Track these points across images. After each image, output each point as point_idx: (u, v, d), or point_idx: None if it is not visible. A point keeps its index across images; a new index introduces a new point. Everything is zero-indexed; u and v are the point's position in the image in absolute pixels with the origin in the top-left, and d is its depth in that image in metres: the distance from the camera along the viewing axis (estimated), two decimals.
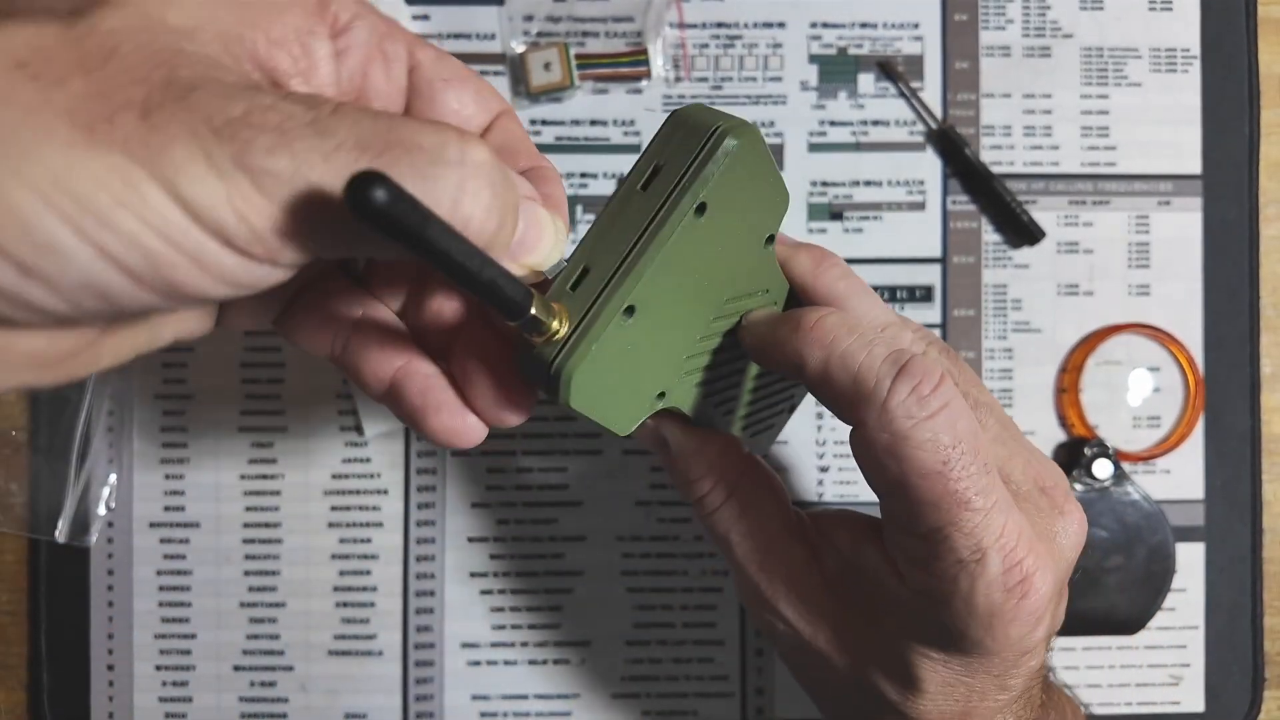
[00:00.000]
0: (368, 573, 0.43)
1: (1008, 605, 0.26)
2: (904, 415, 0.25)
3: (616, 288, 0.24)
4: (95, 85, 0.18)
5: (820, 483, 0.44)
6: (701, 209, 0.25)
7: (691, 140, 0.25)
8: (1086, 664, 0.44)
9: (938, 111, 0.44)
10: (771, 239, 0.29)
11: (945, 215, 0.44)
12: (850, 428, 0.26)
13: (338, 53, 0.23)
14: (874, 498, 0.27)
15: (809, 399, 0.40)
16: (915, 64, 0.44)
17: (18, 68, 0.17)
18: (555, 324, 0.24)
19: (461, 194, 0.19)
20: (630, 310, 0.25)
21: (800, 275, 0.30)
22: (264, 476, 0.43)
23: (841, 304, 0.30)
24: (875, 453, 0.25)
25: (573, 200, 0.44)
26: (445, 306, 0.26)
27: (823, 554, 0.30)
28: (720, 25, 0.44)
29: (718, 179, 0.25)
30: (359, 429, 0.43)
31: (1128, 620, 0.43)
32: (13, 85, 0.17)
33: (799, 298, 0.31)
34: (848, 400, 0.26)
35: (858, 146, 0.44)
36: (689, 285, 0.26)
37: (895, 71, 0.44)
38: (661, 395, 0.28)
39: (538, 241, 0.23)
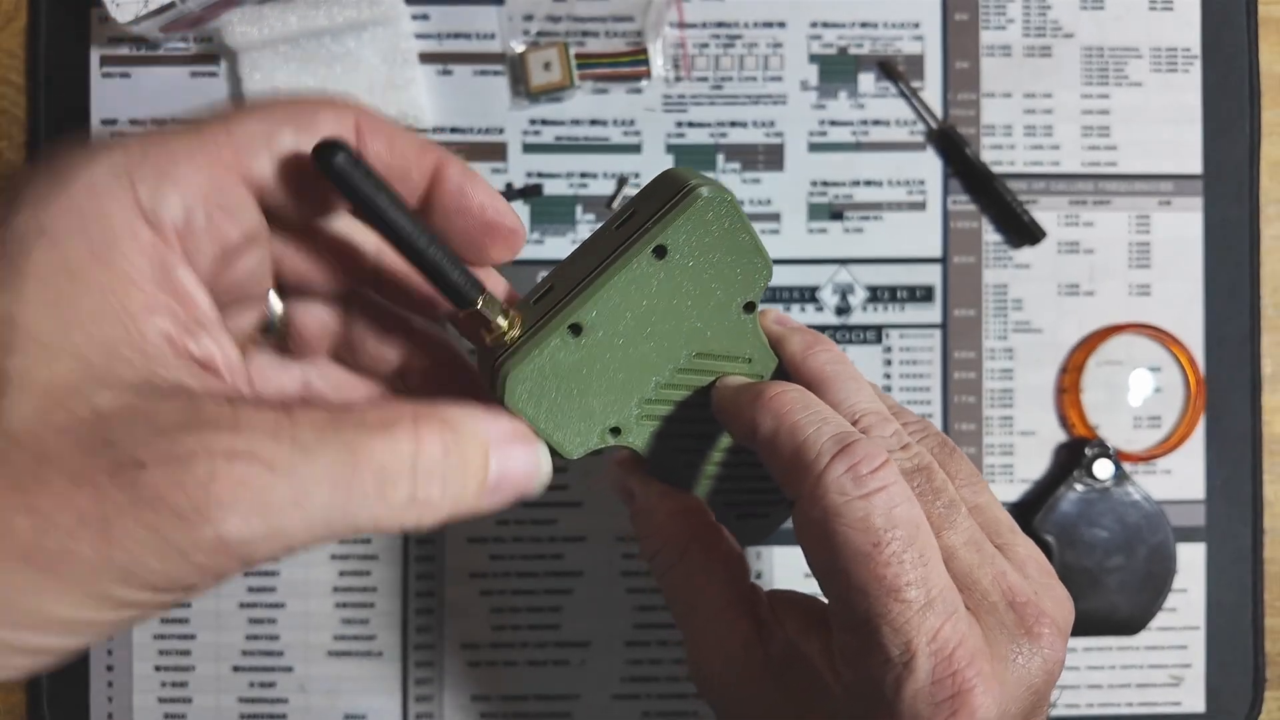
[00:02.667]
0: (368, 573, 0.43)
1: None
2: (837, 491, 0.24)
3: (567, 305, 0.26)
4: (38, 513, 0.17)
5: None
6: (660, 252, 0.26)
7: (667, 192, 0.27)
8: (1087, 664, 0.44)
9: (938, 111, 0.44)
10: (751, 307, 0.29)
11: (946, 215, 0.44)
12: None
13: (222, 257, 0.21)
14: None
15: None
16: (916, 64, 0.44)
17: None
18: (506, 325, 0.26)
19: (412, 504, 0.21)
20: (577, 329, 0.26)
21: (790, 355, 0.30)
22: None
23: (825, 386, 0.29)
24: (809, 529, 0.25)
25: (573, 200, 0.44)
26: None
27: (770, 635, 0.28)
28: (720, 25, 0.44)
29: (679, 227, 0.26)
30: None
31: (1128, 620, 0.43)
32: None
33: (787, 376, 0.31)
34: (789, 471, 0.25)
35: (858, 146, 0.44)
36: (645, 325, 0.27)
37: (895, 71, 0.44)
38: (616, 431, 0.29)
39: (504, 478, 0.23)
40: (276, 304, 0.25)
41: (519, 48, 0.43)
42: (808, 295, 0.44)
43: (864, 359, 0.44)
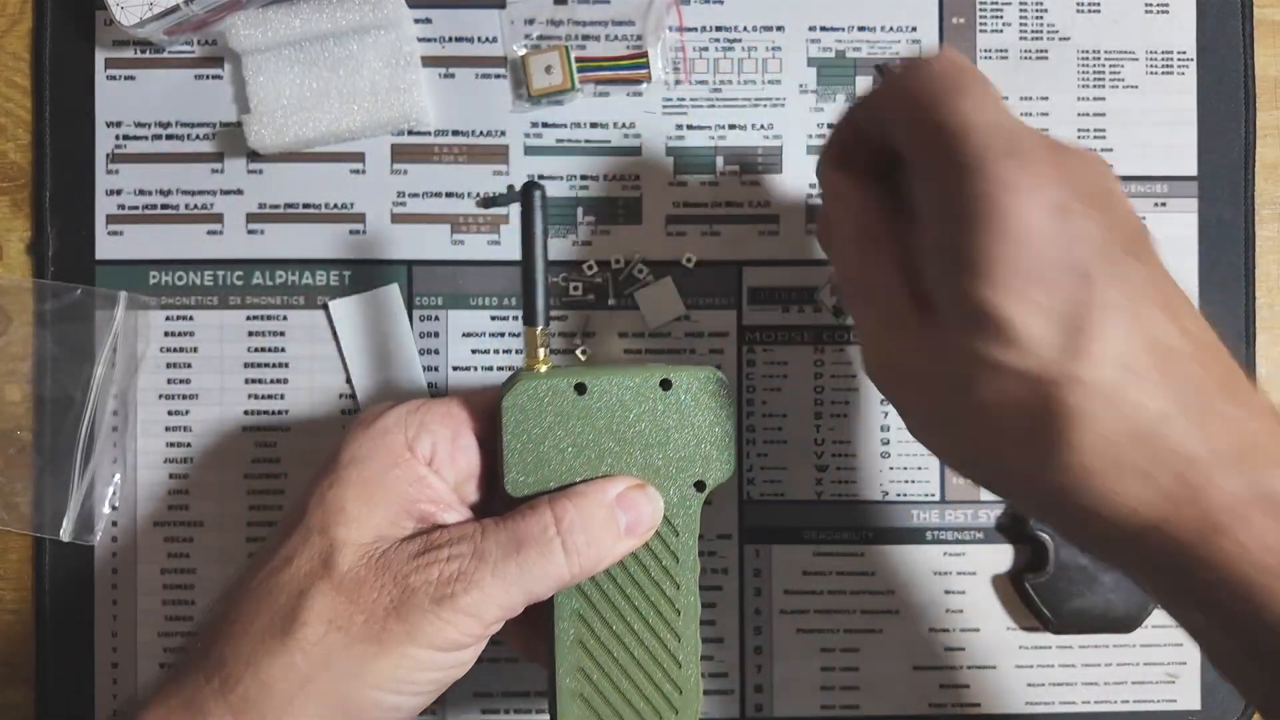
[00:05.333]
0: None
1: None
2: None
3: (585, 372, 0.34)
4: (366, 614, 0.30)
5: (819, 481, 0.44)
6: (666, 384, 0.33)
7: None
8: (1083, 662, 0.44)
9: None
10: (701, 487, 0.34)
11: None
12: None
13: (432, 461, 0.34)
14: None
15: None
16: None
17: (337, 630, 0.30)
18: (542, 358, 0.34)
19: (568, 555, 0.32)
20: (581, 388, 0.33)
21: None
22: (268, 475, 0.44)
23: None
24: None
25: (573, 203, 0.44)
26: None
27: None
28: (719, 28, 0.44)
29: (690, 374, 0.34)
30: None
31: (1124, 618, 0.43)
32: (331, 644, 0.30)
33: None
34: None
35: None
36: (628, 427, 0.33)
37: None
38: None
39: (638, 520, 0.33)
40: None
41: (520, 51, 0.44)
42: (805, 296, 0.44)
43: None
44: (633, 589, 0.34)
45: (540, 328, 0.34)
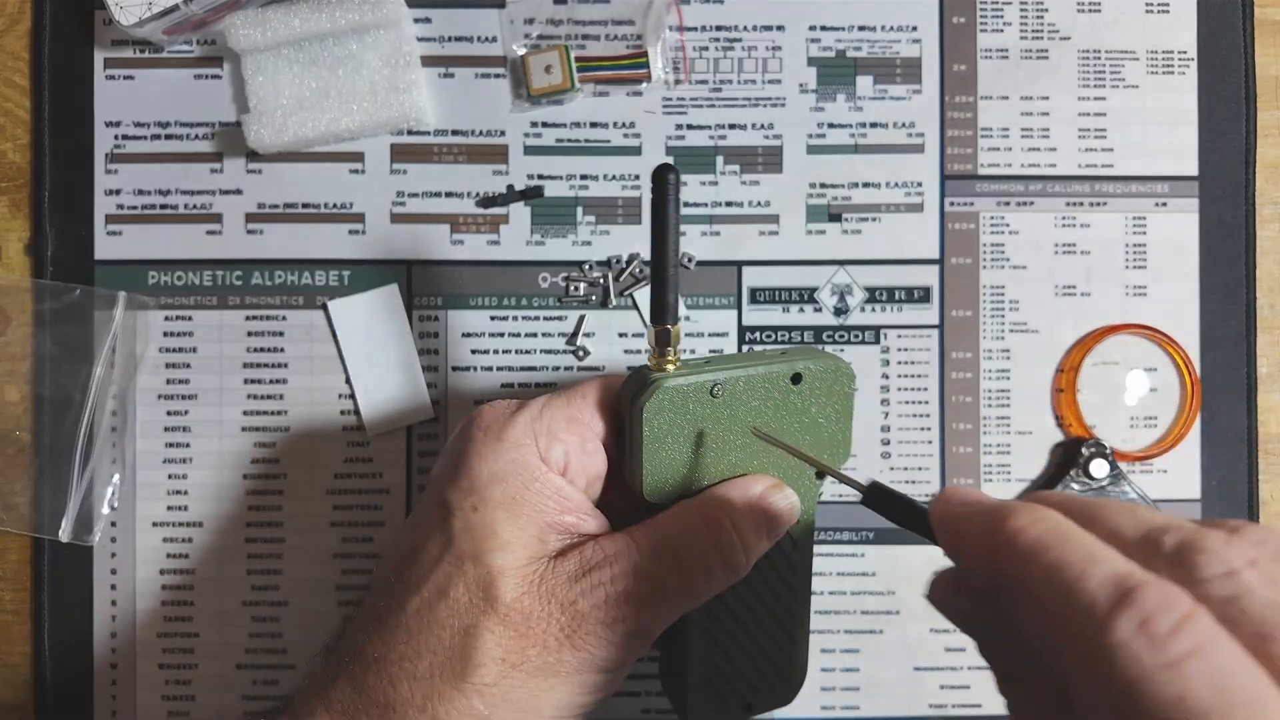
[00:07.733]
0: (371, 571, 0.44)
1: None
2: (1127, 661, 0.18)
3: (716, 371, 0.32)
4: (539, 646, 0.30)
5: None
6: (796, 378, 0.33)
7: (819, 353, 0.34)
8: None
9: (935, 114, 0.44)
10: (822, 476, 0.34)
11: (943, 216, 0.45)
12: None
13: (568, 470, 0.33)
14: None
15: None
16: (913, 66, 0.45)
17: (512, 668, 0.29)
18: (673, 357, 0.32)
19: (726, 569, 0.32)
20: (715, 391, 0.32)
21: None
22: (267, 476, 0.44)
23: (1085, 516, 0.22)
24: (1097, 715, 0.19)
25: (574, 202, 0.44)
26: None
27: None
28: (720, 28, 0.44)
29: (822, 369, 0.33)
30: (361, 428, 0.44)
31: None
32: (509, 684, 0.29)
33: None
34: (1048, 631, 0.20)
35: (856, 148, 0.44)
36: (758, 425, 0.33)
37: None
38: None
39: (777, 521, 0.33)
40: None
41: (520, 51, 0.44)
42: (806, 296, 0.44)
43: (862, 360, 0.44)
44: (755, 576, 0.34)
45: (674, 325, 0.32)
